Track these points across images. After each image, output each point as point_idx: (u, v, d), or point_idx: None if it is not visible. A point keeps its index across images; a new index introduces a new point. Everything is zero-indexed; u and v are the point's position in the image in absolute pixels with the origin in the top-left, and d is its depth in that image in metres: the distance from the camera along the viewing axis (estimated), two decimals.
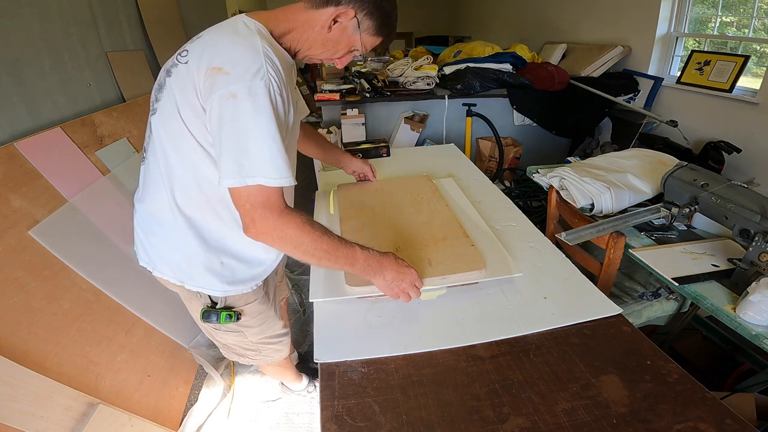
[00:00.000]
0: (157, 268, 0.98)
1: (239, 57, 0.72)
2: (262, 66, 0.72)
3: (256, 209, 0.75)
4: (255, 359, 1.23)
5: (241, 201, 0.75)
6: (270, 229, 0.76)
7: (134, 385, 1.48)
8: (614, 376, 0.77)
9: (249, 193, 0.74)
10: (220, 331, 1.10)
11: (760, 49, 2.37)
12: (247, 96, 0.70)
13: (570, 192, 1.55)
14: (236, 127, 0.71)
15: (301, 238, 0.79)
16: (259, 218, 0.75)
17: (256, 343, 1.17)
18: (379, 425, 0.70)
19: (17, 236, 1.31)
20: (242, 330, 1.10)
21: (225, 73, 0.71)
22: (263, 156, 0.72)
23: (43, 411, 1.12)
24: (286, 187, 0.83)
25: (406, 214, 1.28)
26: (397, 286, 0.90)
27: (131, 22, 2.33)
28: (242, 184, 0.73)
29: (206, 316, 1.00)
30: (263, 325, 1.13)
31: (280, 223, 0.76)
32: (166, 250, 0.95)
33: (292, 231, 0.78)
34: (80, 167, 1.69)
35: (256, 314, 1.09)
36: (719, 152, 2.20)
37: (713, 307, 1.06)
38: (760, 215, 1.05)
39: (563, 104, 2.96)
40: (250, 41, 0.74)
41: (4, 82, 1.48)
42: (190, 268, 0.95)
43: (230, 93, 0.70)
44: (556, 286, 1.02)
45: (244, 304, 1.05)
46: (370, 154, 1.95)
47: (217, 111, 0.72)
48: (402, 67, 3.09)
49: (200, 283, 0.97)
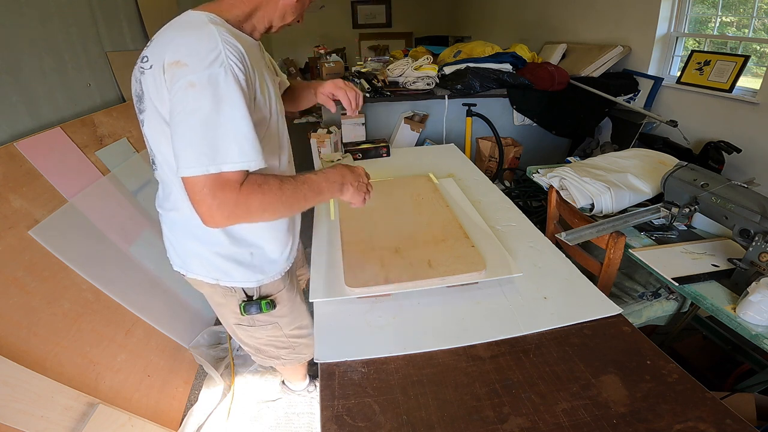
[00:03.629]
0: (190, 270, 1.00)
1: (195, 47, 0.71)
2: (220, 53, 0.71)
3: (216, 194, 0.71)
4: (289, 358, 1.25)
5: (197, 189, 0.71)
6: (233, 208, 0.73)
7: (134, 385, 1.48)
8: (614, 376, 0.77)
9: (207, 181, 0.71)
10: (255, 327, 1.13)
11: (760, 49, 2.37)
12: (207, 84, 0.69)
13: (570, 192, 1.55)
14: (197, 116, 0.69)
15: (265, 201, 0.77)
16: (218, 204, 0.72)
17: (289, 338, 1.20)
18: (379, 425, 0.70)
19: (17, 236, 1.31)
20: (276, 321, 1.14)
21: (183, 65, 0.70)
22: (227, 142, 0.71)
23: (43, 411, 1.12)
24: (285, 165, 0.92)
25: (406, 215, 1.28)
26: (362, 188, 0.96)
27: (131, 22, 2.33)
28: (204, 172, 0.70)
29: (247, 309, 1.03)
30: (293, 314, 1.17)
31: (241, 198, 0.73)
32: (196, 250, 0.97)
33: (254, 199, 0.75)
34: (80, 167, 1.69)
35: (287, 302, 1.13)
36: (719, 152, 2.20)
37: (713, 307, 1.06)
38: (760, 215, 1.05)
39: (563, 104, 2.96)
40: (204, 30, 0.73)
41: (4, 82, 1.48)
42: (222, 264, 0.97)
43: (189, 83, 0.69)
44: (556, 286, 1.02)
45: (276, 292, 1.09)
46: (370, 154, 1.95)
47: (177, 101, 0.70)
48: (402, 67, 3.09)
49: (235, 278, 0.99)
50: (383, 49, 6.90)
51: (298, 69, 6.11)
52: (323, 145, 2.30)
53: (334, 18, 7.05)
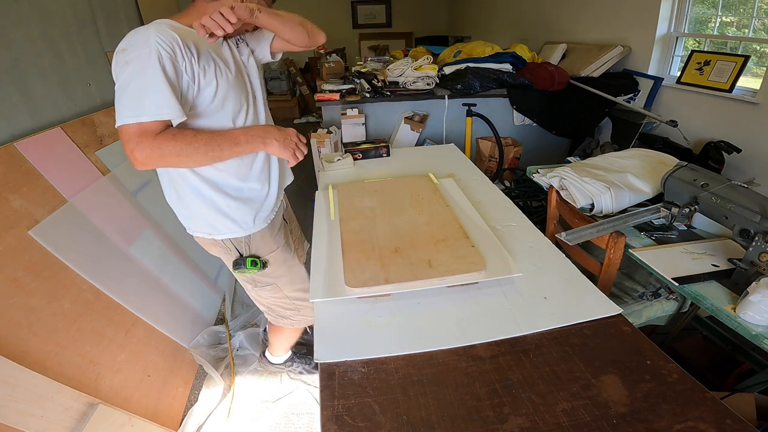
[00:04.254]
0: (193, 229, 1.19)
1: (133, 39, 0.92)
2: (148, 39, 0.90)
3: (133, 139, 0.89)
4: (296, 319, 1.41)
5: (123, 136, 0.90)
6: (148, 151, 0.90)
7: (134, 385, 1.48)
8: (614, 376, 0.77)
9: (131, 129, 0.89)
10: (258, 288, 1.29)
11: (760, 49, 2.37)
12: (136, 60, 0.89)
13: (570, 192, 1.55)
14: (127, 83, 0.89)
15: (177, 146, 0.93)
16: (137, 146, 0.89)
17: (292, 300, 1.34)
18: (379, 425, 0.70)
19: (17, 236, 1.31)
20: (274, 282, 1.28)
21: (124, 50, 0.91)
22: (146, 100, 0.89)
23: (43, 411, 1.12)
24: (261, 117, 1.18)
25: (406, 215, 1.28)
26: (289, 144, 1.10)
27: (131, 22, 2.33)
28: (127, 122, 0.89)
29: (236, 264, 1.19)
30: (291, 274, 1.31)
31: (155, 143, 0.91)
32: (191, 211, 1.14)
33: (167, 144, 0.92)
34: (80, 167, 1.69)
35: (281, 262, 1.27)
36: (719, 152, 2.20)
37: (713, 307, 1.06)
38: (760, 215, 1.05)
39: (563, 104, 2.96)
40: (144, 29, 0.93)
41: (4, 82, 1.48)
42: (210, 216, 1.14)
43: (125, 62, 0.90)
44: (556, 286, 1.02)
45: (269, 253, 1.23)
46: (370, 154, 1.95)
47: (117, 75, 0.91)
48: (402, 67, 3.09)
49: (222, 230, 1.16)
50: (383, 49, 6.91)
51: (298, 69, 6.11)
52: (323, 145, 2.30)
53: (334, 18, 7.04)
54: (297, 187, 1.01)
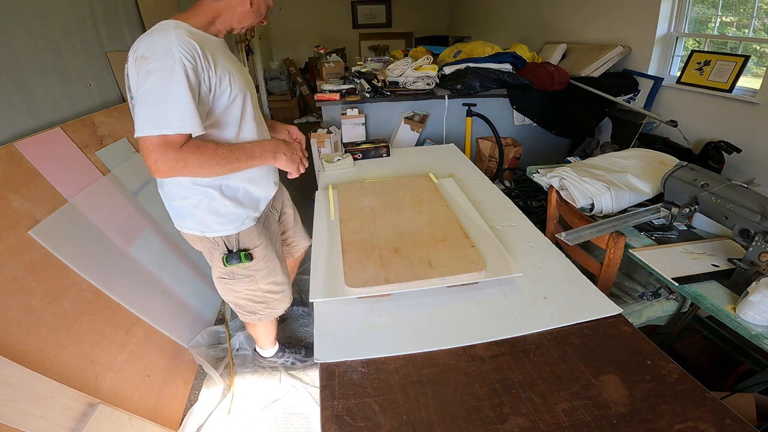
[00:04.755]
0: (182, 226, 1.21)
1: (154, 45, 0.94)
2: (171, 48, 0.92)
3: (158, 149, 0.92)
4: (264, 313, 1.44)
5: (145, 147, 0.93)
6: (172, 163, 0.94)
7: (134, 385, 1.48)
8: (614, 376, 0.77)
9: (153, 140, 0.92)
10: (235, 281, 1.31)
11: (760, 49, 2.37)
12: (159, 70, 0.91)
13: (570, 192, 1.55)
14: (150, 93, 0.92)
15: (200, 158, 0.98)
16: (162, 157, 0.93)
17: (264, 293, 1.38)
18: (379, 425, 0.70)
19: (17, 236, 1.31)
20: (253, 274, 1.31)
21: (145, 58, 0.93)
22: (170, 112, 0.92)
23: (43, 411, 1.12)
24: (250, 134, 1.17)
25: (406, 215, 1.28)
26: (295, 159, 1.21)
27: (131, 22, 2.33)
28: (150, 134, 0.92)
29: (228, 259, 1.22)
30: (268, 268, 1.34)
31: (179, 156, 0.95)
32: (184, 209, 1.17)
33: (191, 157, 0.96)
34: (80, 167, 1.69)
35: (262, 257, 1.30)
36: (719, 152, 2.20)
37: (713, 307, 1.06)
38: (760, 215, 1.05)
39: (563, 104, 2.96)
40: (163, 34, 0.95)
41: (4, 82, 1.48)
42: (203, 216, 1.17)
43: (147, 70, 0.92)
44: (556, 286, 1.02)
45: (254, 247, 1.27)
46: (370, 154, 1.95)
47: (139, 84, 0.93)
48: (402, 67, 3.09)
49: (215, 228, 1.19)
50: (383, 49, 6.91)
51: (298, 69, 6.11)
52: (323, 145, 2.30)
53: (334, 18, 7.05)
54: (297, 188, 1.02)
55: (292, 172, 1.22)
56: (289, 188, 1.43)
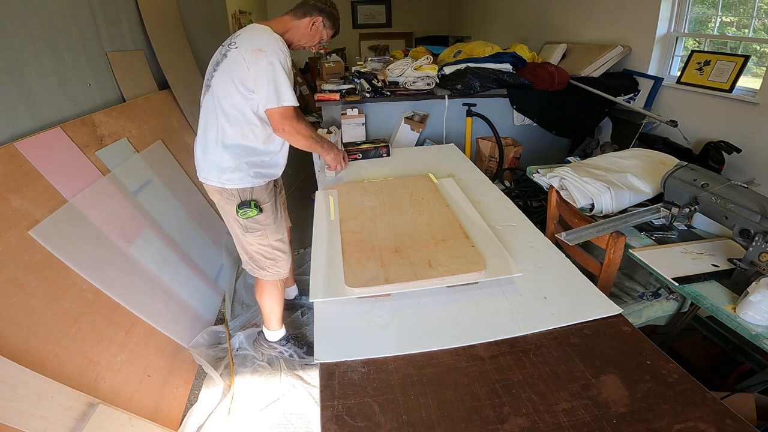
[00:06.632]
0: (207, 178, 1.47)
1: (270, 43, 1.33)
2: (280, 47, 1.33)
3: (285, 119, 1.34)
4: (272, 270, 1.63)
5: (275, 115, 1.34)
6: (291, 129, 1.36)
7: (134, 385, 1.48)
8: (614, 376, 0.77)
9: (279, 111, 1.33)
10: (249, 233, 1.53)
11: (760, 49, 2.37)
12: (276, 62, 1.31)
13: (570, 192, 1.55)
14: (271, 78, 1.30)
15: (307, 131, 1.43)
16: (287, 123, 1.35)
17: (273, 249, 1.59)
18: (379, 425, 0.70)
19: (17, 236, 1.31)
20: (264, 229, 1.54)
21: (264, 51, 1.31)
22: (285, 91, 1.33)
23: (43, 411, 1.12)
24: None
25: (406, 215, 1.28)
26: (339, 158, 1.69)
27: (131, 22, 2.33)
28: (277, 105, 1.32)
29: (241, 206, 1.45)
30: (276, 225, 1.57)
31: (295, 123, 1.37)
32: (216, 162, 1.43)
33: (302, 128, 1.40)
34: (80, 167, 1.69)
35: (271, 212, 1.54)
36: (719, 152, 2.20)
37: (713, 307, 1.06)
38: (760, 215, 1.05)
39: (563, 104, 2.96)
40: (272, 35, 1.35)
41: (4, 82, 1.48)
42: (230, 172, 1.43)
43: (269, 61, 1.30)
44: (556, 286, 1.02)
45: (263, 203, 1.51)
46: (370, 154, 1.95)
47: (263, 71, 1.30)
48: (402, 67, 3.09)
49: (234, 181, 1.44)
50: (383, 49, 6.91)
51: (297, 69, 6.11)
52: None
53: None
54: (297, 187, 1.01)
55: (334, 167, 1.68)
56: (290, 187, 1.43)
